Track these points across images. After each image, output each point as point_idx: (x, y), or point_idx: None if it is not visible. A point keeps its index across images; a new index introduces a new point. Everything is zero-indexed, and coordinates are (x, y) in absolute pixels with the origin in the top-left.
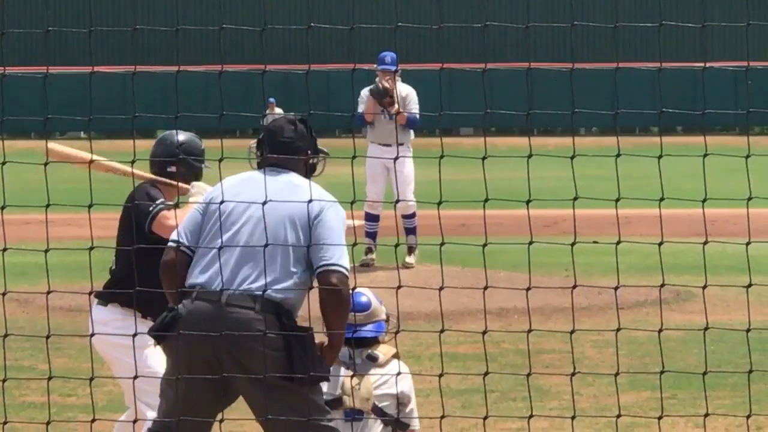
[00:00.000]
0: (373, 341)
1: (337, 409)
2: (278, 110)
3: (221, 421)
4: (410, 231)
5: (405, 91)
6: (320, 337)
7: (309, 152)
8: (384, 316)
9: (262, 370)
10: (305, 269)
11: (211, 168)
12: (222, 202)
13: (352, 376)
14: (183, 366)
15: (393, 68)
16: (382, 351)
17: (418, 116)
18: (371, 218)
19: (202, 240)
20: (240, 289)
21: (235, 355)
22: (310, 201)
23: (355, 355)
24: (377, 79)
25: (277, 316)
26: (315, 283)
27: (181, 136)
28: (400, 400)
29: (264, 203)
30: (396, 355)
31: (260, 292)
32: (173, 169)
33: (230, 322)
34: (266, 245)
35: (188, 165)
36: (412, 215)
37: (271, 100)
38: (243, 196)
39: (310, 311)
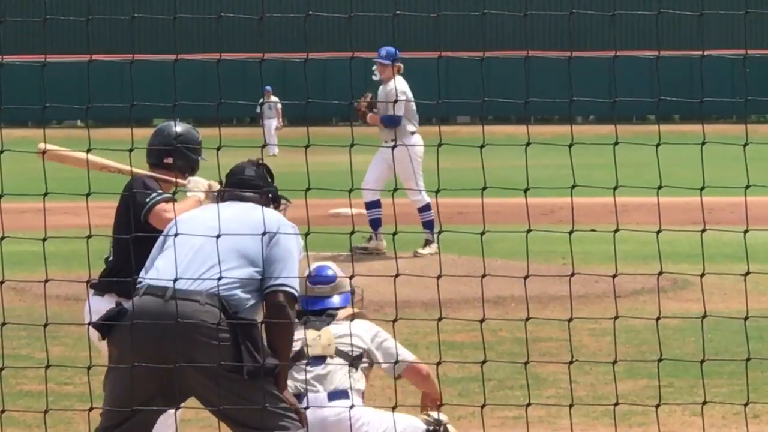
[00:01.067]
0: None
1: (300, 361)
2: (274, 98)
3: (177, 408)
4: (423, 225)
5: (391, 86)
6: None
7: (270, 196)
8: (349, 288)
9: (207, 361)
10: (256, 278)
11: (207, 159)
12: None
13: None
14: (128, 359)
15: (386, 62)
16: (340, 313)
17: (392, 114)
18: (366, 206)
19: (162, 251)
20: (186, 285)
21: (180, 347)
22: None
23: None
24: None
25: (222, 310)
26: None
27: (179, 128)
28: (376, 347)
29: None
30: (358, 315)
31: (206, 287)
32: (170, 160)
33: (174, 315)
34: (218, 236)
35: (185, 156)
36: (422, 209)
37: (267, 88)
38: (202, 216)
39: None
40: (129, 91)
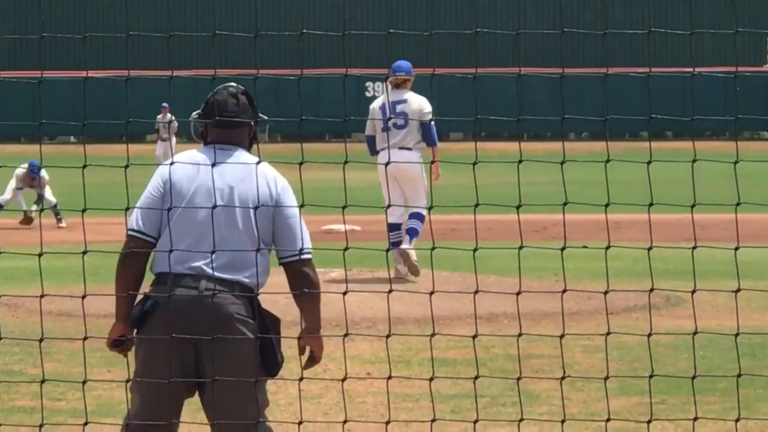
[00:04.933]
0: None
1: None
2: (170, 116)
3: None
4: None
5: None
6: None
7: (252, 123)
8: None
9: (236, 357)
10: (267, 252)
11: None
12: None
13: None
14: (162, 353)
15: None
16: None
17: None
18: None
19: (164, 226)
20: (216, 276)
21: (214, 339)
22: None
23: None
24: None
25: (250, 301)
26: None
27: None
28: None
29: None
30: None
31: (235, 278)
32: None
33: (210, 308)
34: (256, 208)
35: None
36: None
37: (165, 104)
38: (200, 180)
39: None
40: (121, 108)
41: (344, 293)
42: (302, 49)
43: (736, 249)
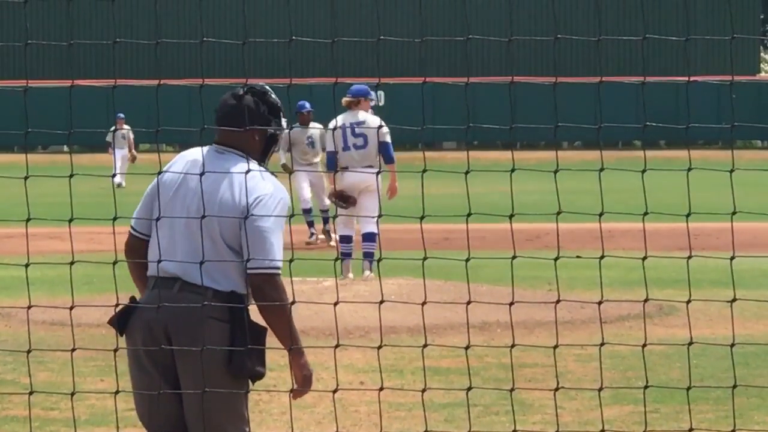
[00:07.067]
0: None
1: None
2: (126, 127)
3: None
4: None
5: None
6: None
7: (259, 126)
8: None
9: (203, 362)
10: (240, 261)
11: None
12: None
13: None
14: (140, 359)
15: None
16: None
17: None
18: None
19: (153, 225)
20: (188, 282)
21: (180, 339)
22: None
23: None
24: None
25: (229, 306)
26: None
27: None
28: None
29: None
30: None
31: (208, 285)
32: None
33: (180, 313)
34: (203, 217)
35: None
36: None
37: (120, 115)
38: (181, 184)
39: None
40: (112, 116)
41: (335, 303)
42: (294, 56)
43: (732, 258)
